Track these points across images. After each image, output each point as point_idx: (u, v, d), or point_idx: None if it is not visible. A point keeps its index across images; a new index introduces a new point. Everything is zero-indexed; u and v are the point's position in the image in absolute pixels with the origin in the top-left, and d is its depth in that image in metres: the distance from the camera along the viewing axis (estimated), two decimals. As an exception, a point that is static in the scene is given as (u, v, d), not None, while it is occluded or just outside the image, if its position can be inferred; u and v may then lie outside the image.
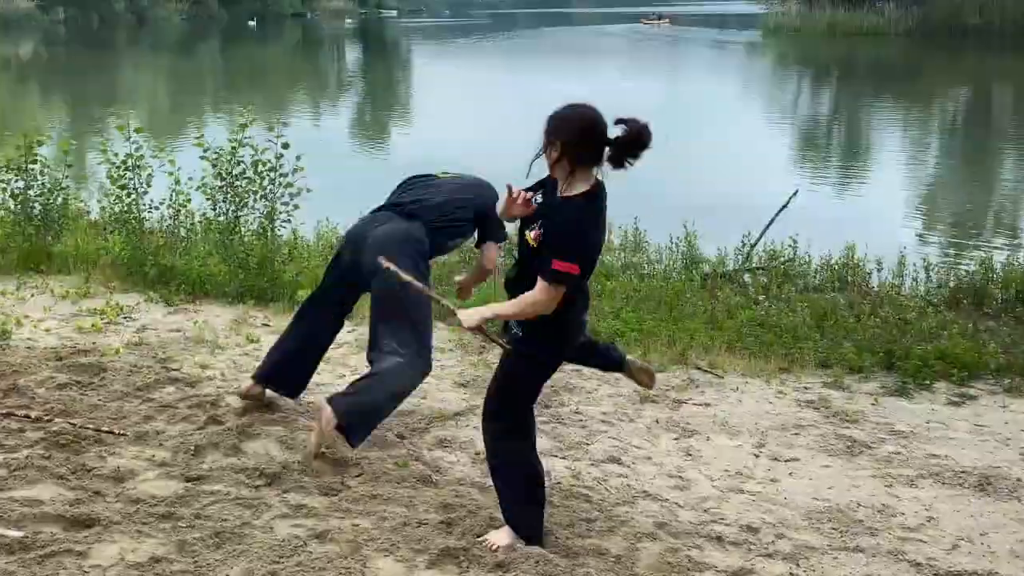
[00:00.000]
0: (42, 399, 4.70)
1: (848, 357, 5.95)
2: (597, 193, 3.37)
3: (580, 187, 3.35)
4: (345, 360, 5.71)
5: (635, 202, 9.86)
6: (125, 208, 7.33)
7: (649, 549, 3.61)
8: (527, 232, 3.43)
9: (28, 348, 5.57)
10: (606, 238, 3.49)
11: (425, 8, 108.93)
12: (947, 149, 18.83)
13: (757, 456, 4.61)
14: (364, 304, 6.62)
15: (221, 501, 3.75)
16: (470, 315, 3.47)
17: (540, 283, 3.30)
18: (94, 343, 5.73)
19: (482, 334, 3.64)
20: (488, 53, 46.32)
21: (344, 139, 19.82)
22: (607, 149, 3.31)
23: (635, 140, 3.27)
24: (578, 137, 3.30)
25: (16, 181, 7.66)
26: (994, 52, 37.32)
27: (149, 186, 7.36)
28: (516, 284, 3.50)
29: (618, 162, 3.32)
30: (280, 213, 6.95)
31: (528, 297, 3.35)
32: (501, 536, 3.56)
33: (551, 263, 3.26)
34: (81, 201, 9.71)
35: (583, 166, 3.33)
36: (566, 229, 3.29)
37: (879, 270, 8.26)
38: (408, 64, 42.69)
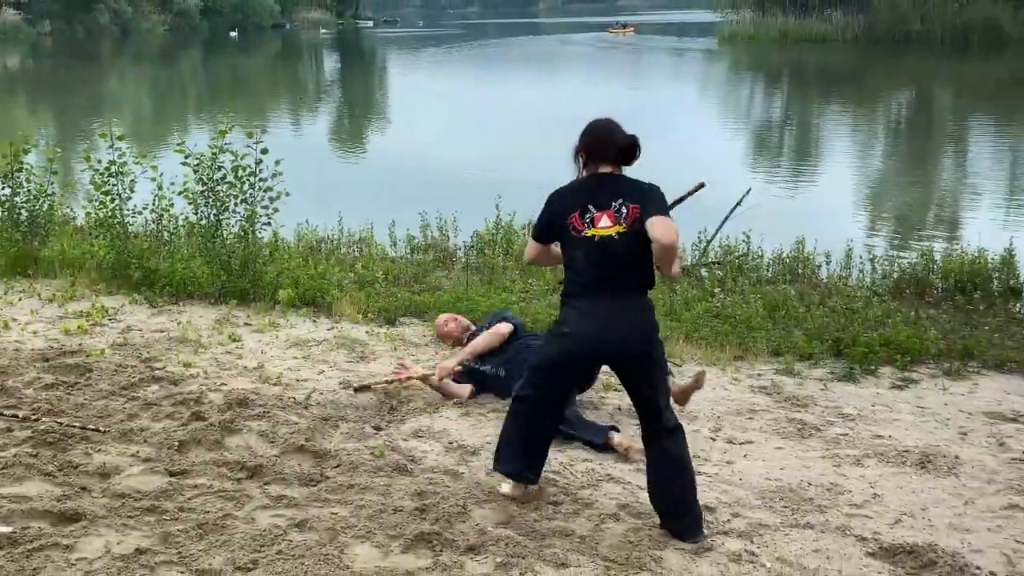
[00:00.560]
0: (30, 399, 4.65)
1: (799, 345, 6.00)
2: (591, 178, 3.68)
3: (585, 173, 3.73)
4: (325, 356, 5.69)
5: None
6: (109, 213, 7.26)
7: (613, 529, 3.62)
8: None
9: (16, 350, 5.51)
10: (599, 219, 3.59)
11: (400, 19, 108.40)
12: (891, 149, 19.03)
13: (714, 440, 4.64)
14: (344, 305, 6.65)
15: (204, 494, 3.72)
16: None
17: None
18: (80, 344, 5.67)
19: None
20: (460, 62, 46.19)
21: (322, 144, 19.71)
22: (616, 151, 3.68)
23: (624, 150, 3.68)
24: (582, 147, 3.72)
25: (3, 188, 7.58)
26: (934, 57, 37.73)
27: (132, 192, 7.30)
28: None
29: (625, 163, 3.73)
30: (260, 216, 6.91)
31: None
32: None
33: None
34: (67, 207, 9.62)
35: (588, 165, 3.71)
36: (547, 199, 3.74)
37: (828, 263, 8.30)
38: (384, 72, 42.46)
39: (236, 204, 6.93)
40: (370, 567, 3.23)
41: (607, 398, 5.14)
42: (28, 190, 7.68)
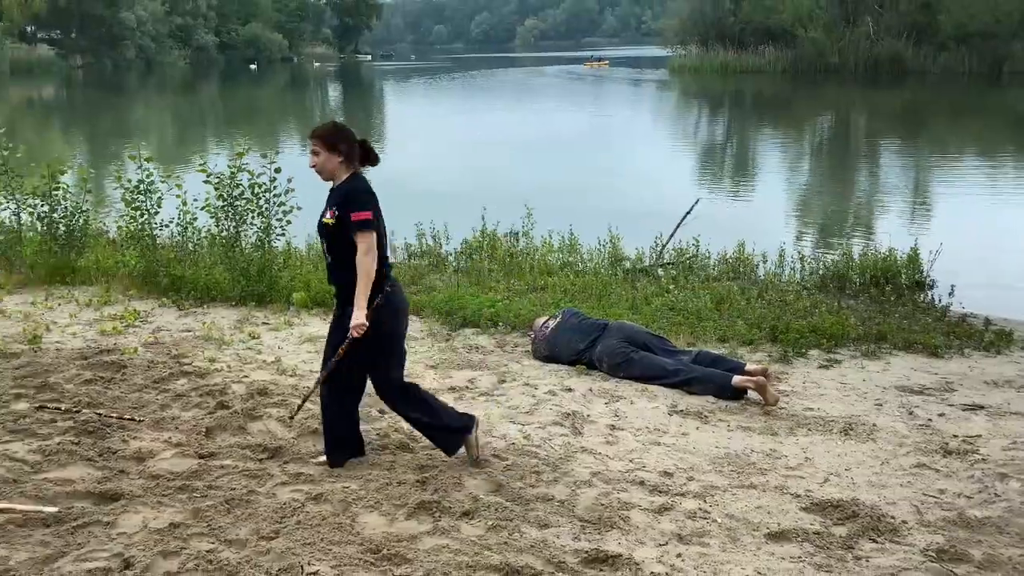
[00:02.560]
0: (71, 393, 4.59)
1: (741, 332, 6.03)
2: (360, 173, 3.72)
3: (349, 172, 3.69)
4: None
5: (569, 212, 9.93)
6: (139, 227, 7.17)
7: (587, 494, 3.64)
8: (322, 219, 3.65)
9: (57, 350, 5.44)
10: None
11: (394, 53, 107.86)
12: (816, 165, 19.16)
13: (671, 415, 4.66)
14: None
15: (230, 474, 3.69)
16: (359, 316, 3.53)
17: (357, 240, 3.52)
18: (115, 343, 5.60)
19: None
20: (448, 90, 45.92)
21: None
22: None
23: (368, 153, 3.72)
24: (351, 144, 3.68)
25: (42, 206, 7.47)
26: (849, 86, 38.13)
27: (159, 207, 7.21)
28: (333, 270, 3.69)
29: (372, 163, 3.74)
30: (275, 228, 6.86)
31: (360, 259, 3.52)
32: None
33: (351, 218, 3.52)
34: (100, 222, 9.48)
35: (352, 163, 3.68)
36: (351, 190, 3.61)
37: (764, 262, 8.32)
38: (381, 99, 42.15)
39: (253, 217, 6.88)
40: (378, 533, 3.22)
41: (580, 382, 5.15)
42: (65, 207, 7.55)
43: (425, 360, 5.46)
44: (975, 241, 9.94)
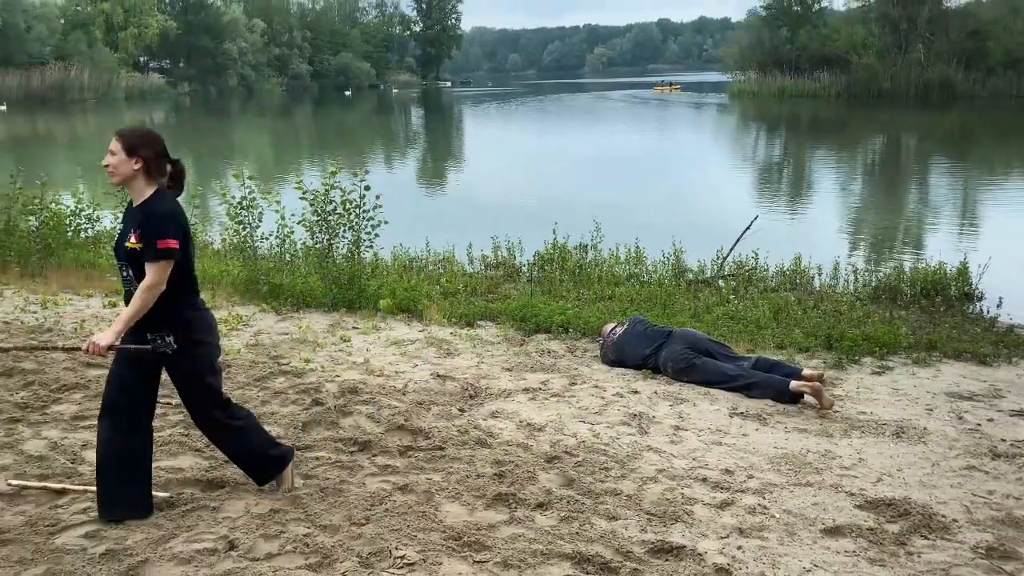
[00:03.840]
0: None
1: (798, 340, 5.91)
2: (165, 192, 3.13)
3: (152, 189, 3.09)
4: (418, 353, 5.68)
5: (635, 227, 9.87)
6: (241, 239, 7.30)
7: (653, 489, 3.60)
8: (126, 244, 3.04)
9: (170, 350, 5.57)
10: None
11: (472, 80, 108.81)
12: (868, 183, 18.61)
13: (731, 417, 4.58)
14: (432, 312, 6.66)
15: (324, 464, 3.72)
16: (102, 337, 3.00)
17: (148, 267, 2.97)
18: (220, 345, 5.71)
19: (120, 349, 3.07)
20: (522, 113, 46.03)
21: (412, 181, 19.83)
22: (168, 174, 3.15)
23: (178, 175, 3.16)
24: (157, 154, 3.10)
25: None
26: (900, 109, 36.95)
27: (260, 221, 7.33)
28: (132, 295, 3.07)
29: (177, 189, 3.17)
30: (364, 240, 6.95)
31: (143, 285, 2.96)
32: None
33: (156, 244, 2.96)
34: (206, 235, 9.77)
35: (156, 177, 3.10)
36: (161, 214, 3.02)
37: (820, 274, 8.18)
38: (460, 122, 42.50)
39: (344, 231, 6.98)
40: (459, 521, 3.23)
41: (646, 384, 5.10)
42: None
43: (501, 363, 5.47)
44: (1022, 256, 9.63)
